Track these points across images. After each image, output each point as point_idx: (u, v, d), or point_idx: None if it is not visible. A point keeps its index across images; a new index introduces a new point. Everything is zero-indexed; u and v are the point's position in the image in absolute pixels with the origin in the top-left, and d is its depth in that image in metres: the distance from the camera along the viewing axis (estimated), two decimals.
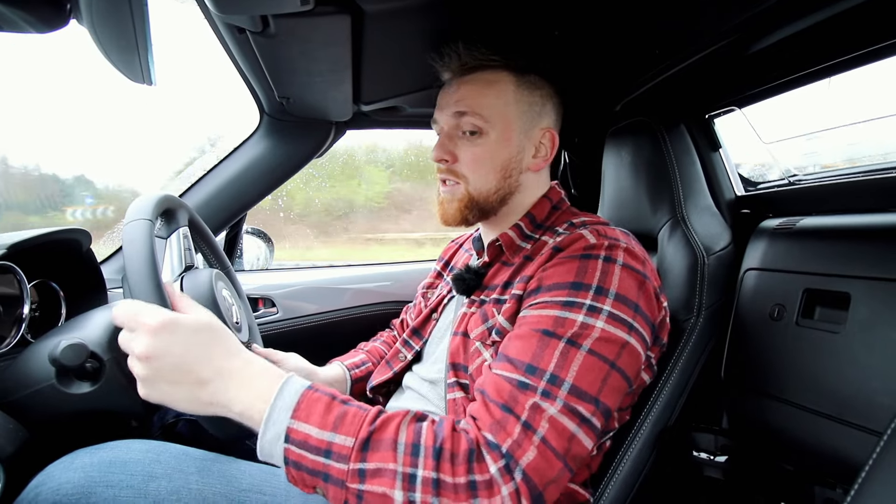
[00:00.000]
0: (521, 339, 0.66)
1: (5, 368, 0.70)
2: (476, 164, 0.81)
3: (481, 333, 0.77)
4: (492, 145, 0.80)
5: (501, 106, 0.80)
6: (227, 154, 1.33)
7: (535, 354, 0.63)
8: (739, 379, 0.97)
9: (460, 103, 0.81)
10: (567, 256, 0.70)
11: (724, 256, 0.99)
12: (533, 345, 0.64)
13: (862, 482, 0.49)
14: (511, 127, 0.81)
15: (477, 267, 0.85)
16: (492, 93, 0.80)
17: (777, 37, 0.81)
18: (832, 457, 0.80)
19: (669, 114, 1.07)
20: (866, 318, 0.78)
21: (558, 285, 0.67)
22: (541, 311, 0.66)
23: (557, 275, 0.69)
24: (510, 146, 0.81)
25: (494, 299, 0.79)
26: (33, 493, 0.58)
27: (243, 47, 0.87)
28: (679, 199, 1.01)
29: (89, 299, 0.99)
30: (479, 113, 0.79)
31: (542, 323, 0.65)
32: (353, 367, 1.07)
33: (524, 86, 0.82)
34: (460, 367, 0.79)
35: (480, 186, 0.81)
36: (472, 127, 0.80)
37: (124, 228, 0.67)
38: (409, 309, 1.21)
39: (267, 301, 1.43)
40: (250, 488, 0.67)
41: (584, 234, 0.72)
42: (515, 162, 0.82)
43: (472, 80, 0.81)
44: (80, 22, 0.67)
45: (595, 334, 0.63)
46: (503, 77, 0.81)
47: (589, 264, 0.68)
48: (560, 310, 0.65)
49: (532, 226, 0.83)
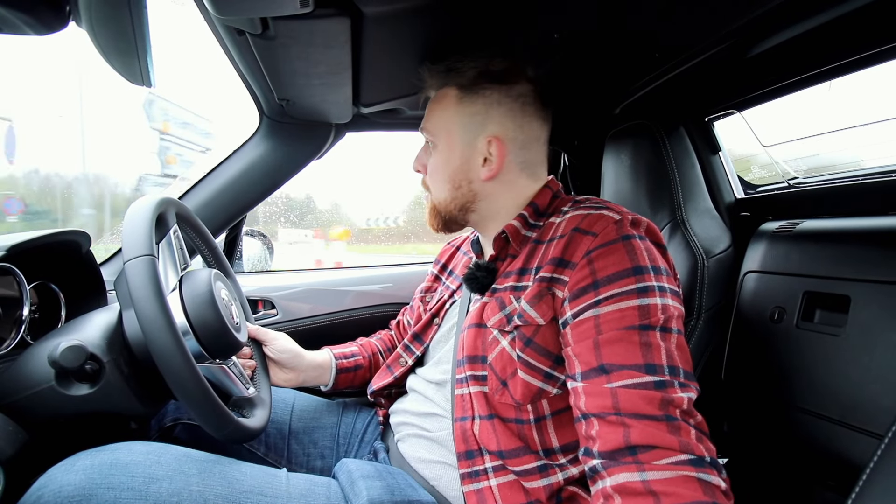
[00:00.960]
0: (618, 343, 0.63)
1: (4, 370, 0.70)
2: (432, 175, 0.87)
3: (499, 321, 0.76)
4: (440, 157, 0.85)
5: (445, 119, 0.84)
6: (226, 156, 1.33)
7: (643, 353, 0.62)
8: (740, 381, 0.97)
9: (424, 120, 0.88)
10: (608, 243, 0.69)
11: (724, 259, 0.99)
12: (636, 344, 0.62)
13: (863, 485, 0.48)
14: (452, 139, 0.83)
15: (487, 263, 0.85)
16: (438, 107, 0.85)
17: (776, 40, 0.81)
18: (833, 459, 0.80)
19: (669, 117, 1.07)
20: (866, 320, 0.78)
21: (620, 274, 0.66)
22: (619, 305, 0.65)
23: (613, 263, 0.67)
24: (454, 157, 0.83)
25: (510, 287, 0.77)
26: (35, 495, 0.58)
27: (243, 49, 0.87)
28: (679, 201, 1.01)
29: (89, 301, 0.99)
30: (427, 128, 0.86)
31: (628, 318, 0.64)
32: (340, 357, 1.07)
33: (467, 97, 0.83)
34: (478, 359, 0.77)
35: (438, 195, 0.86)
36: (429, 140, 0.87)
37: (126, 267, 0.65)
38: (407, 310, 1.21)
39: (266, 303, 1.43)
40: (251, 490, 0.67)
41: (603, 213, 0.72)
42: (462, 172, 0.83)
43: (433, 99, 0.88)
44: (79, 24, 0.67)
45: (675, 314, 0.66)
46: (448, 92, 0.84)
47: (633, 245, 0.68)
48: (638, 298, 0.65)
49: (535, 214, 0.83)
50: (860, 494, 0.48)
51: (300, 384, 1.03)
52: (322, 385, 1.07)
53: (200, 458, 0.69)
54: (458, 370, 0.80)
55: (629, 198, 1.11)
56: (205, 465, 0.67)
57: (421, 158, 0.90)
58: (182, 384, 0.62)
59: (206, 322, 0.76)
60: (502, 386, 0.73)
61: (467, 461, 0.73)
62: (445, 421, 0.82)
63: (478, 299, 0.84)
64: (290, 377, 1.01)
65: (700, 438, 0.58)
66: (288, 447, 0.96)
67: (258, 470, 0.72)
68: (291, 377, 1.02)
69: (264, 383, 0.94)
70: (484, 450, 0.73)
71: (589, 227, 0.71)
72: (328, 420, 1.02)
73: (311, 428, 1.00)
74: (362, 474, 0.77)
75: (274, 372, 1.01)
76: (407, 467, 0.84)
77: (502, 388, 0.73)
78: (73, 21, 0.67)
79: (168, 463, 0.65)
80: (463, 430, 0.75)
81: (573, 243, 0.71)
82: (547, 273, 0.71)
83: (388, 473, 0.79)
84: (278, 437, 0.96)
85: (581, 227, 0.71)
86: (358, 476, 0.76)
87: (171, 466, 0.65)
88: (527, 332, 0.71)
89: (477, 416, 0.74)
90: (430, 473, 0.80)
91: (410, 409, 0.90)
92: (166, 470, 0.64)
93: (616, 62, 0.99)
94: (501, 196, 0.85)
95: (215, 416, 0.66)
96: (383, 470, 0.80)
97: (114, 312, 0.77)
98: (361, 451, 0.98)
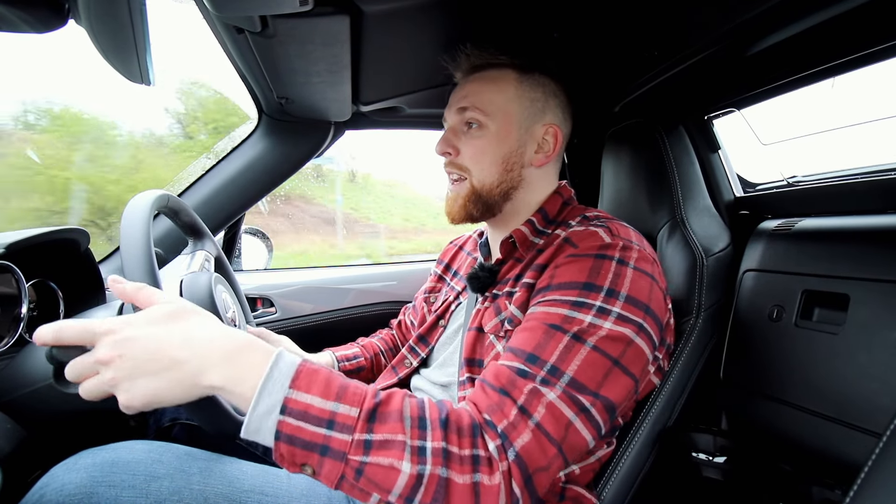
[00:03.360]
0: (526, 332, 0.66)
1: (3, 368, 0.70)
2: (478, 156, 0.83)
3: (495, 326, 0.77)
4: (492, 138, 0.82)
5: (502, 101, 0.82)
6: (225, 154, 1.33)
7: (538, 345, 0.63)
8: (738, 379, 0.97)
9: (464, 99, 0.83)
10: (581, 255, 0.70)
11: (723, 257, 0.99)
12: (537, 336, 0.64)
13: (861, 483, 0.49)
14: (511, 121, 0.82)
15: (490, 265, 0.85)
16: (493, 88, 0.82)
17: (776, 38, 0.81)
18: (831, 458, 0.80)
19: (668, 115, 1.07)
20: (865, 319, 0.78)
21: (570, 284, 0.67)
22: (549, 308, 0.66)
23: (570, 273, 0.68)
24: (510, 139, 0.82)
25: (507, 292, 0.79)
26: (38, 494, 0.59)
27: (242, 47, 0.87)
28: (678, 200, 1.01)
29: (87, 299, 0.99)
30: (479, 107, 0.82)
31: (550, 318, 0.65)
32: (342, 359, 1.07)
33: (527, 83, 0.83)
34: (475, 363, 0.79)
35: (483, 178, 0.83)
36: (473, 120, 0.83)
37: (124, 213, 0.67)
38: (408, 310, 1.20)
39: (265, 301, 1.43)
40: (252, 489, 0.67)
41: (598, 231, 0.72)
42: (517, 156, 0.83)
43: (477, 78, 0.84)
44: (78, 22, 0.67)
45: (602, 333, 0.63)
46: (506, 74, 0.83)
47: (603, 265, 0.67)
48: (569, 308, 0.65)
49: (544, 221, 0.83)
50: (858, 493, 0.48)
51: None
52: None
53: (202, 456, 0.69)
54: (460, 372, 0.80)
55: (628, 196, 1.11)
56: (206, 464, 0.67)
57: (451, 140, 0.85)
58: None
59: None
60: None
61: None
62: None
63: (478, 302, 0.84)
64: None
65: (510, 430, 0.57)
66: None
67: (259, 469, 0.72)
68: None
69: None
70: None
71: (578, 240, 0.72)
72: None
73: None
74: None
75: None
76: None
77: None
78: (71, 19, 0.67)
79: (169, 461, 0.65)
80: None
81: (557, 251, 0.73)
82: (529, 279, 0.74)
83: None
84: None
85: (572, 239, 0.73)
86: None
87: (172, 465, 0.65)
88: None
89: None
90: None
91: None
92: (167, 468, 0.64)
93: (615, 60, 0.99)
94: (536, 187, 0.86)
95: (212, 412, 0.66)
96: None
97: (112, 310, 0.77)
98: None
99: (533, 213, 0.85)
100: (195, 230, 0.98)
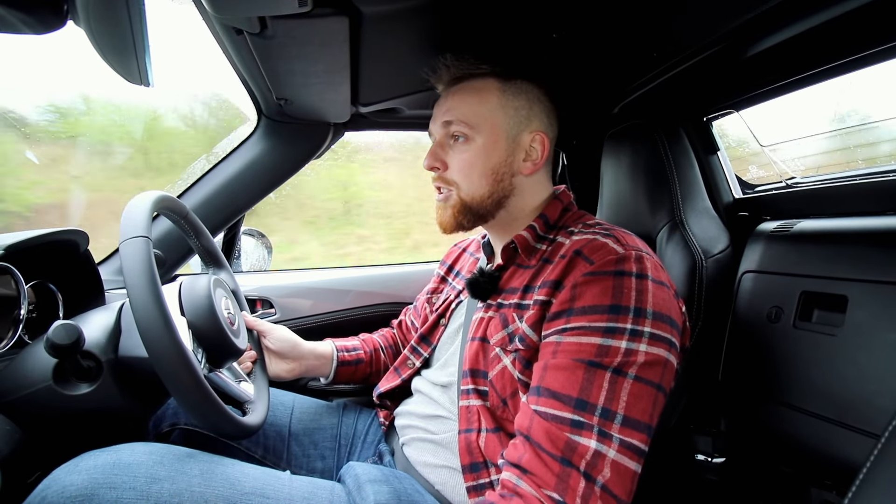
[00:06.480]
0: (562, 371, 0.64)
1: (2, 369, 0.70)
2: (466, 170, 0.82)
3: (501, 339, 0.76)
4: (479, 150, 0.81)
5: (486, 111, 0.81)
6: (224, 155, 1.33)
7: (582, 388, 0.62)
8: (737, 381, 0.97)
9: (448, 112, 0.83)
10: (599, 272, 0.68)
11: (722, 259, 0.99)
12: (578, 377, 0.62)
13: (859, 484, 0.49)
14: (497, 132, 0.82)
15: (491, 271, 0.85)
16: (476, 99, 0.82)
17: (775, 40, 0.81)
18: (830, 459, 0.80)
19: (667, 116, 1.08)
20: (863, 320, 0.79)
21: (595, 308, 0.65)
22: (580, 339, 0.65)
23: (593, 296, 0.66)
24: (498, 151, 0.82)
25: (514, 304, 0.78)
26: (40, 496, 0.59)
27: (241, 49, 0.87)
28: (677, 201, 1.01)
29: (87, 300, 0.98)
30: (463, 120, 0.82)
31: (585, 352, 0.64)
32: (342, 349, 1.08)
33: (510, 91, 0.82)
34: (479, 374, 0.78)
35: (473, 192, 0.82)
36: (459, 134, 0.82)
37: (121, 247, 0.65)
38: (409, 310, 1.21)
39: (265, 302, 1.42)
40: (253, 491, 0.67)
41: (608, 242, 0.70)
42: (506, 166, 0.82)
43: (460, 90, 0.84)
44: (77, 23, 0.67)
45: (640, 360, 0.62)
46: (489, 84, 0.82)
47: (623, 283, 0.66)
48: (602, 336, 0.63)
49: (546, 227, 0.83)
50: (857, 494, 0.48)
51: (301, 374, 1.03)
52: (322, 377, 1.07)
53: (203, 459, 0.69)
54: (462, 381, 0.80)
55: (627, 198, 1.11)
56: (207, 466, 0.67)
57: (438, 154, 0.85)
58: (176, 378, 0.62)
59: (205, 330, 0.75)
60: (503, 404, 0.74)
61: (472, 474, 0.74)
62: (450, 423, 0.82)
63: (479, 308, 0.84)
64: (291, 367, 1.02)
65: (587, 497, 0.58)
66: (288, 449, 0.96)
67: (260, 472, 0.72)
68: (293, 367, 1.02)
69: (262, 380, 0.94)
70: (489, 462, 0.73)
71: (590, 253, 0.70)
72: (328, 421, 1.02)
73: (311, 429, 1.00)
74: (369, 478, 0.77)
75: (275, 363, 1.01)
76: (412, 471, 0.84)
77: (503, 405, 0.74)
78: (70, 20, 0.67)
79: (170, 463, 0.65)
80: (468, 443, 0.75)
81: (570, 266, 0.71)
82: (542, 296, 0.72)
83: (394, 478, 0.79)
84: (278, 439, 0.96)
85: (584, 251, 0.71)
86: (365, 480, 0.76)
87: (173, 467, 0.65)
88: (526, 355, 0.72)
89: (483, 429, 0.75)
90: (435, 478, 0.81)
91: (415, 411, 0.90)
92: (168, 470, 0.64)
93: (614, 62, 0.99)
94: (530, 193, 0.85)
95: (212, 413, 0.65)
96: (390, 474, 0.80)
97: (112, 311, 0.77)
98: (364, 452, 0.99)
99: (534, 218, 0.84)
100: (215, 259, 0.99)
